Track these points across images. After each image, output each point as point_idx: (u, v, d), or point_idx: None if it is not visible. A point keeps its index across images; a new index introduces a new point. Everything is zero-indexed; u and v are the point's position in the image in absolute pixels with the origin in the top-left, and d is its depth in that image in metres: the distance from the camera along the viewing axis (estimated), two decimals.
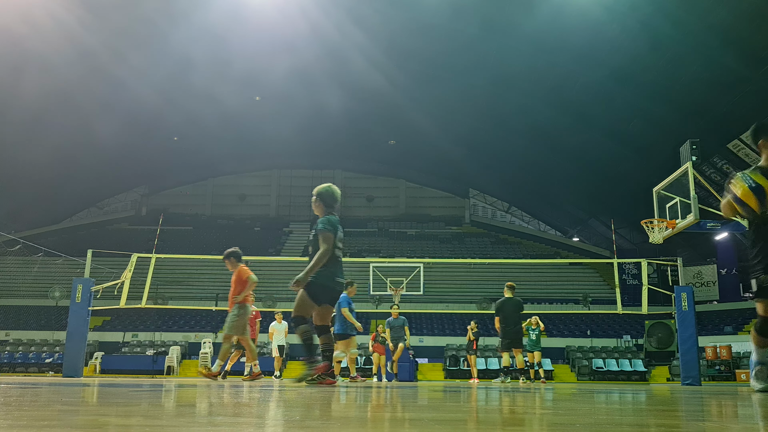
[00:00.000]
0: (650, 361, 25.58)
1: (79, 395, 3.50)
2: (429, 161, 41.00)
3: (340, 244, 5.93)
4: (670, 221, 11.06)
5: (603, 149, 30.73)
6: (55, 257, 29.87)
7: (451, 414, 2.44)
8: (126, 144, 33.36)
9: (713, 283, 31.90)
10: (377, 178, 45.55)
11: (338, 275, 5.89)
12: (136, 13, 24.87)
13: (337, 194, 6.01)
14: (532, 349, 15.52)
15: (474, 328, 15.85)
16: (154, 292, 27.89)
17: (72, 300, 12.88)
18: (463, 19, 24.04)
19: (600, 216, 38.74)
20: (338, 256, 5.88)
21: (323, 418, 2.12)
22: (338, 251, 5.88)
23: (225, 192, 45.77)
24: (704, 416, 2.57)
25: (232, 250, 8.94)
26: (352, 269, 31.93)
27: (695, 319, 12.82)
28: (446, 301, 30.82)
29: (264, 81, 29.05)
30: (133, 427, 1.68)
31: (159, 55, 26.82)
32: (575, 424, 1.98)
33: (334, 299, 6.00)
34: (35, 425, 1.62)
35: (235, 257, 8.85)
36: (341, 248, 5.95)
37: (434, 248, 39.89)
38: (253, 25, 24.58)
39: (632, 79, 24.82)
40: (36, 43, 24.02)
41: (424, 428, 1.75)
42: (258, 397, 3.32)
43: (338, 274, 5.89)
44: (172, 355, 24.09)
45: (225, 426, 1.71)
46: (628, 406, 3.22)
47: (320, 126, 34.19)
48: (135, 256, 13.67)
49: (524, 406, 3.02)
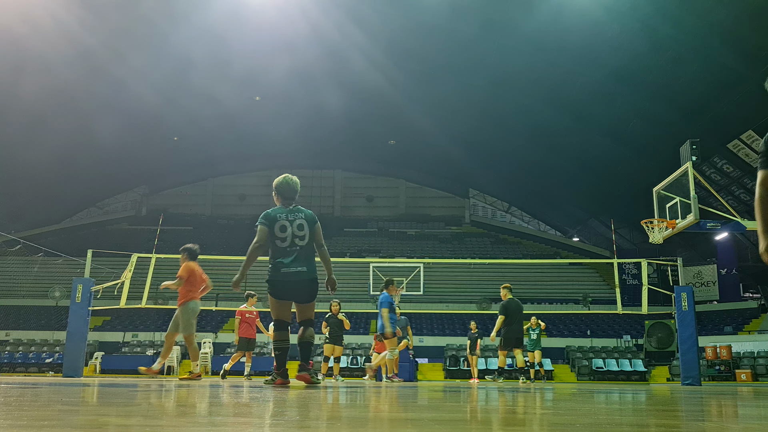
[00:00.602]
0: (650, 361, 25.57)
1: (79, 395, 3.49)
2: (429, 161, 41.00)
3: (282, 234, 5.71)
4: (670, 221, 11.06)
5: (603, 149, 30.72)
6: (55, 257, 29.87)
7: (451, 414, 2.44)
8: (126, 144, 33.35)
9: (713, 283, 31.90)
10: (377, 178, 45.54)
11: (285, 266, 5.66)
12: (136, 13, 24.86)
13: (292, 185, 5.95)
14: (532, 348, 15.56)
15: (474, 328, 15.88)
16: (154, 292, 27.87)
17: (72, 300, 12.89)
18: (463, 19, 24.04)
19: (600, 216, 38.73)
20: (283, 247, 5.69)
21: (323, 418, 2.12)
22: (279, 242, 5.69)
23: (225, 192, 45.77)
24: (704, 416, 2.57)
25: (187, 246, 9.04)
26: (352, 269, 32.03)
27: (695, 319, 12.82)
28: (446, 301, 30.81)
29: (264, 81, 29.05)
30: (133, 427, 1.68)
31: (159, 55, 26.82)
32: (575, 424, 1.98)
33: (291, 291, 5.76)
34: (35, 425, 1.62)
35: (188, 253, 8.95)
36: (284, 237, 5.70)
37: (434, 248, 39.88)
38: (253, 25, 24.57)
39: (632, 79, 24.81)
40: (36, 43, 24.02)
41: (424, 428, 1.75)
42: (258, 397, 3.32)
43: (285, 264, 5.66)
44: (172, 355, 24.08)
45: (225, 426, 1.71)
46: (628, 406, 3.22)
47: (320, 126, 34.18)
48: (135, 256, 13.67)
49: (524, 407, 3.01)
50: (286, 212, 5.85)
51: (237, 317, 12.28)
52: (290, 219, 5.79)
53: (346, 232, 42.30)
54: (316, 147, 39.04)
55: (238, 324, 12.17)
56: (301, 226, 5.76)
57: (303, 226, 5.77)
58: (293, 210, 5.87)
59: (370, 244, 40.25)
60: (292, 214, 5.82)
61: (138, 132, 33.37)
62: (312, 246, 5.83)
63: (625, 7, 21.42)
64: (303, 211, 5.92)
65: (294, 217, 5.81)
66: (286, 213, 5.84)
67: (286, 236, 5.72)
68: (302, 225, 5.77)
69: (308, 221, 5.83)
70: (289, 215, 5.82)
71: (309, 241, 5.79)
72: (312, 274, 5.75)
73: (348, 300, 30.62)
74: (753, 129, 24.04)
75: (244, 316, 12.22)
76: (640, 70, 24.14)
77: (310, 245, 5.80)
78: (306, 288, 5.74)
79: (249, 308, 12.37)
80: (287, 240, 5.71)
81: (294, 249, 5.71)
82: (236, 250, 35.40)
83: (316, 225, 5.87)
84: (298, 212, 5.86)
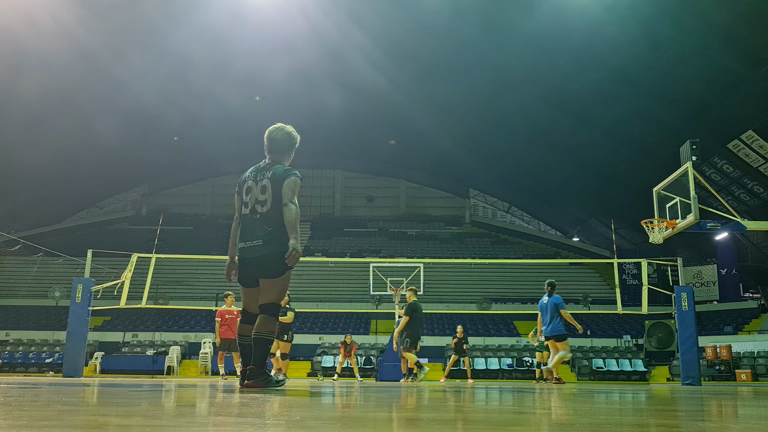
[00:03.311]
0: (650, 361, 25.57)
1: (79, 395, 3.49)
2: (429, 161, 41.01)
3: (246, 198, 4.58)
4: (670, 221, 11.06)
5: (603, 149, 30.73)
6: (55, 257, 29.90)
7: (451, 414, 2.44)
8: (126, 144, 33.35)
9: (713, 283, 31.91)
10: (377, 178, 45.56)
11: (241, 239, 4.55)
12: (136, 12, 24.86)
13: (272, 132, 4.83)
14: (541, 349, 15.62)
15: (460, 333, 16.07)
16: (154, 292, 27.89)
17: (72, 300, 12.89)
18: (463, 20, 24.04)
19: (600, 216, 38.74)
20: (245, 214, 4.58)
21: (323, 418, 2.12)
22: (244, 208, 4.59)
23: (225, 192, 45.74)
24: (704, 416, 2.57)
25: None
26: (352, 269, 32.05)
27: (695, 319, 12.83)
28: (446, 301, 30.81)
29: (264, 81, 29.05)
30: (133, 427, 1.68)
31: (159, 55, 26.81)
32: (575, 424, 1.98)
33: (248, 272, 4.53)
34: (35, 425, 1.62)
35: None
36: (246, 202, 4.57)
37: (434, 248, 39.89)
38: (253, 25, 24.57)
39: (632, 80, 24.81)
40: (36, 43, 24.01)
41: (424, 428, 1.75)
42: (258, 398, 3.32)
43: (241, 237, 4.55)
44: (172, 355, 24.08)
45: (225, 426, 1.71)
46: (628, 406, 3.22)
47: (320, 126, 34.14)
48: (135, 256, 13.68)
49: (524, 406, 3.01)
50: (256, 170, 4.67)
51: (217, 319, 12.06)
52: (257, 179, 4.61)
53: (347, 232, 42.32)
54: (316, 147, 38.96)
55: (219, 325, 11.96)
56: (264, 188, 4.52)
57: (266, 188, 4.51)
58: (264, 167, 4.66)
59: (370, 244, 40.26)
60: (261, 174, 4.61)
61: (138, 132, 33.37)
62: (278, 212, 4.44)
63: (625, 8, 21.42)
64: (273, 169, 4.59)
65: (261, 176, 4.59)
66: (256, 171, 4.65)
67: (249, 200, 4.57)
68: (265, 187, 4.51)
69: (273, 181, 4.51)
70: (258, 175, 4.62)
71: (274, 206, 4.46)
72: (270, 248, 4.39)
73: (348, 300, 30.72)
74: (753, 129, 24.04)
75: (224, 318, 12.02)
76: (641, 71, 24.15)
77: (276, 211, 4.45)
78: (262, 265, 4.43)
79: (228, 308, 12.21)
80: (249, 205, 4.55)
81: (254, 217, 4.51)
82: None
83: (285, 182, 4.49)
84: (268, 170, 4.60)
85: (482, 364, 24.77)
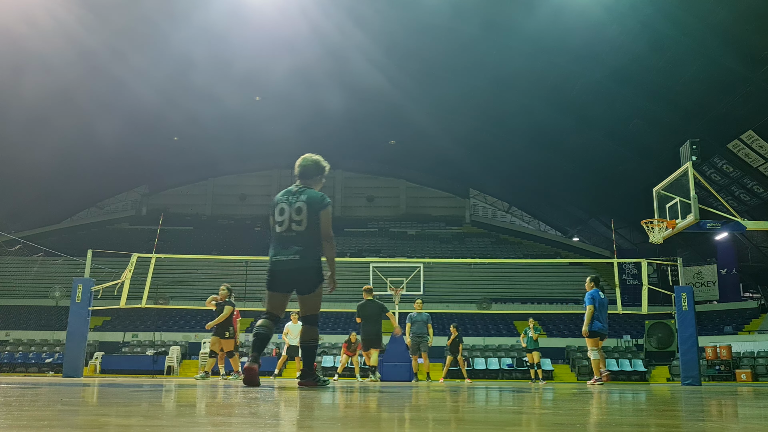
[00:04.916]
0: (650, 361, 25.57)
1: (79, 395, 3.50)
2: (429, 161, 41.00)
3: (279, 218, 5.21)
4: (670, 221, 11.06)
5: (603, 149, 30.73)
6: (55, 257, 29.88)
7: (451, 414, 2.44)
8: (126, 144, 33.35)
9: (713, 283, 31.90)
10: (377, 178, 45.56)
11: (276, 254, 5.16)
12: (136, 12, 24.87)
13: (302, 161, 5.47)
14: (531, 349, 15.61)
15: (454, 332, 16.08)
16: (155, 292, 27.88)
17: (72, 300, 12.90)
18: (464, 20, 24.04)
19: (600, 216, 38.74)
20: (279, 232, 5.18)
21: (323, 418, 2.12)
22: (277, 227, 5.21)
23: (225, 192, 45.77)
24: (704, 416, 2.57)
25: None
26: (352, 269, 32.01)
27: (695, 319, 12.83)
28: (446, 301, 30.81)
29: (264, 81, 29.05)
30: (133, 427, 1.68)
31: (159, 55, 26.81)
32: (575, 424, 1.98)
33: (280, 282, 5.19)
34: (35, 425, 1.62)
35: None
36: (281, 221, 5.19)
37: (434, 248, 39.89)
38: (253, 25, 24.57)
39: (632, 80, 24.81)
40: (36, 43, 24.01)
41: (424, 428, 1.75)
42: (258, 398, 3.32)
43: (276, 251, 5.17)
44: (172, 355, 24.08)
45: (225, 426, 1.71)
46: (628, 406, 3.22)
47: (320, 126, 34.17)
48: (135, 256, 13.68)
49: (523, 407, 3.01)
50: (288, 194, 5.28)
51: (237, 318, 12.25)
52: (291, 201, 5.20)
53: (347, 232, 42.31)
54: (316, 147, 38.23)
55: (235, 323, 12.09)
56: (299, 210, 5.12)
57: (301, 209, 5.12)
58: (297, 191, 5.26)
59: (370, 244, 40.26)
60: (294, 196, 5.21)
61: (138, 132, 33.37)
62: (315, 233, 5.11)
63: (626, 8, 21.42)
64: (307, 193, 5.23)
65: (295, 199, 5.19)
66: (288, 194, 5.27)
67: (283, 220, 5.17)
68: (300, 208, 5.13)
69: (309, 204, 5.13)
70: (290, 197, 5.23)
71: (309, 227, 5.11)
72: (306, 263, 5.07)
73: (348, 300, 30.69)
74: (753, 129, 24.04)
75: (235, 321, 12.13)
76: (641, 71, 24.15)
77: (311, 231, 5.11)
78: (298, 277, 5.12)
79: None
80: (284, 224, 5.15)
81: (290, 235, 5.12)
82: (236, 250, 35.48)
83: (321, 211, 5.14)
84: (301, 194, 5.22)
85: (482, 364, 24.75)
